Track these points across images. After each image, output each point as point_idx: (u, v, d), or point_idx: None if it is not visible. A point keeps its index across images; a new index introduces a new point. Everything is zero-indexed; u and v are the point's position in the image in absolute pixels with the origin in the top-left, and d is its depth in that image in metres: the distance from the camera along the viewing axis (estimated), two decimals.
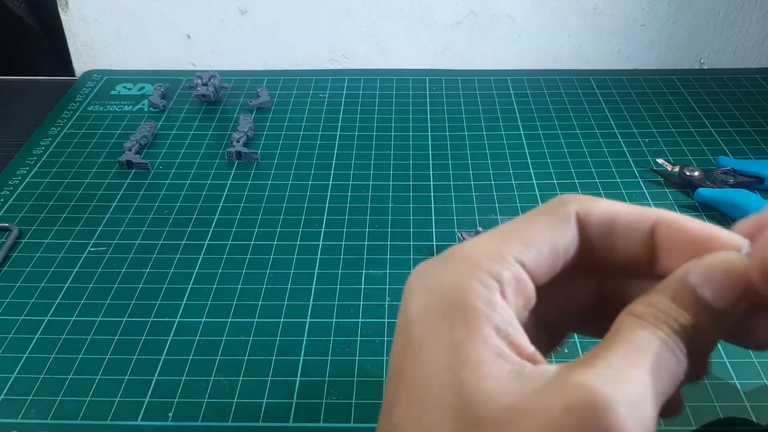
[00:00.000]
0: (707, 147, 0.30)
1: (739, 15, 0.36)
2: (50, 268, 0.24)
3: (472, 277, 0.11)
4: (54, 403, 0.19)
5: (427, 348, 0.11)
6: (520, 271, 0.11)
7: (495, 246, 0.11)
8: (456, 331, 0.10)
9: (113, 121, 0.33)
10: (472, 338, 0.10)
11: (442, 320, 0.11)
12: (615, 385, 0.09)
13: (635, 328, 0.10)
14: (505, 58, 0.37)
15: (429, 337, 0.11)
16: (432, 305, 0.11)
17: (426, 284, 0.11)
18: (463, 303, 0.11)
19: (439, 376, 0.10)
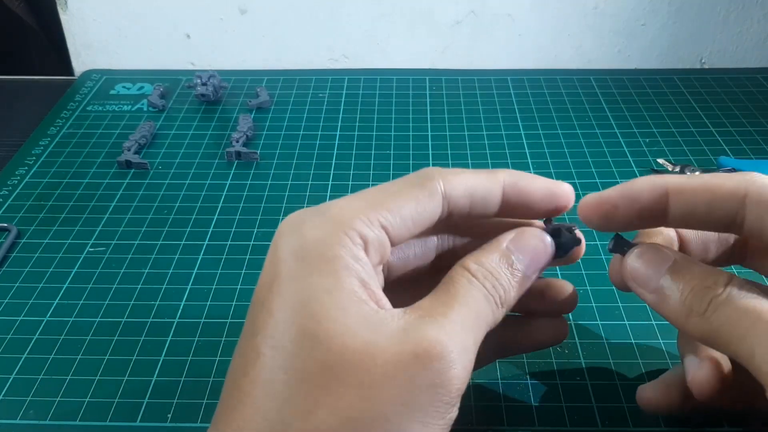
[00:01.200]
0: (708, 147, 0.30)
1: (740, 14, 0.36)
2: (49, 268, 0.23)
3: (343, 233, 0.12)
4: (53, 403, 0.19)
5: (294, 286, 0.12)
6: (382, 235, 0.13)
7: (365, 209, 0.13)
8: (324, 275, 0.12)
9: (112, 120, 0.33)
10: (338, 284, 0.12)
11: (312, 264, 0.12)
12: (452, 337, 0.12)
13: (469, 287, 0.13)
14: (505, 58, 0.37)
15: (298, 277, 0.12)
16: (303, 250, 0.12)
17: (299, 231, 0.13)
18: (333, 253, 0.12)
19: (306, 310, 0.12)
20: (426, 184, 0.14)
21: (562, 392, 0.19)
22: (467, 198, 0.14)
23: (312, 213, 0.13)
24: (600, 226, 0.15)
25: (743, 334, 0.12)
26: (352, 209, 0.13)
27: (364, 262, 0.12)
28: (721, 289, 0.13)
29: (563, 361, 0.20)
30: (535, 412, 0.18)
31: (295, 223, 0.13)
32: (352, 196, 0.14)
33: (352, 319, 0.12)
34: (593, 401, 0.18)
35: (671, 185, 0.14)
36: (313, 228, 0.13)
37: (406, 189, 0.14)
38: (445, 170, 0.14)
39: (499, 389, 0.19)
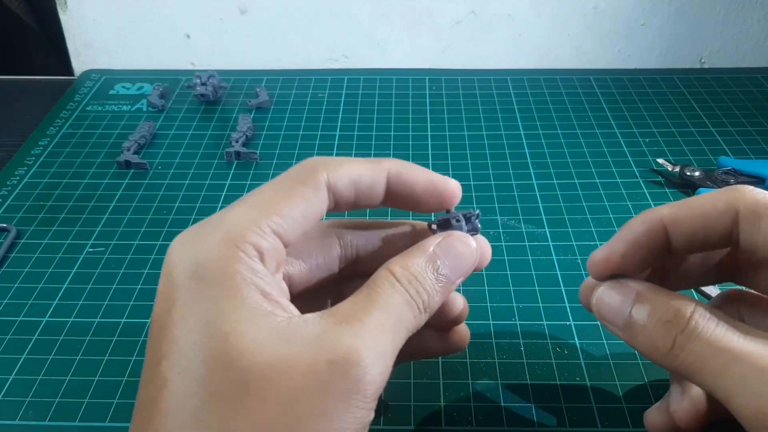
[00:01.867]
0: (708, 147, 0.30)
1: (739, 14, 0.36)
2: (48, 268, 0.23)
3: (237, 248, 0.12)
4: (52, 404, 0.19)
5: (195, 308, 0.12)
6: (276, 242, 0.13)
7: (255, 218, 0.13)
8: (225, 294, 0.12)
9: (112, 120, 0.33)
10: (241, 300, 0.12)
11: (211, 284, 0.12)
12: (368, 343, 0.12)
13: (391, 291, 0.13)
14: (505, 58, 0.37)
15: (198, 299, 0.12)
16: (200, 271, 0.12)
17: (193, 250, 0.12)
18: (231, 270, 0.12)
19: (213, 331, 0.11)
20: (310, 179, 0.13)
21: (562, 393, 0.19)
22: (352, 187, 0.14)
23: (203, 230, 0.13)
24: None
25: (715, 375, 0.12)
26: (242, 221, 0.12)
27: (262, 273, 0.12)
28: (683, 325, 0.13)
29: (563, 361, 0.19)
30: (534, 413, 0.18)
31: (186, 242, 0.12)
32: (240, 203, 0.13)
33: (262, 334, 0.11)
34: (593, 402, 0.18)
35: (666, 217, 0.14)
36: (206, 246, 0.12)
37: (292, 187, 0.13)
38: (328, 160, 0.14)
39: (499, 390, 0.19)
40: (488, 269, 0.23)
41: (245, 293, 0.12)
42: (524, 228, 0.25)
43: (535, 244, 0.24)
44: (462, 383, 0.19)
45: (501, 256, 0.24)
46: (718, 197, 0.14)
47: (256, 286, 0.12)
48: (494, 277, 0.23)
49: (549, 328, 0.21)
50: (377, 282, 0.13)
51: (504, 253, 0.24)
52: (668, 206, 0.14)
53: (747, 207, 0.13)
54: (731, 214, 0.13)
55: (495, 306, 0.21)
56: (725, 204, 0.13)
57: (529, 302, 0.22)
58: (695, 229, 0.14)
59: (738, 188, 0.14)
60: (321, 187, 0.13)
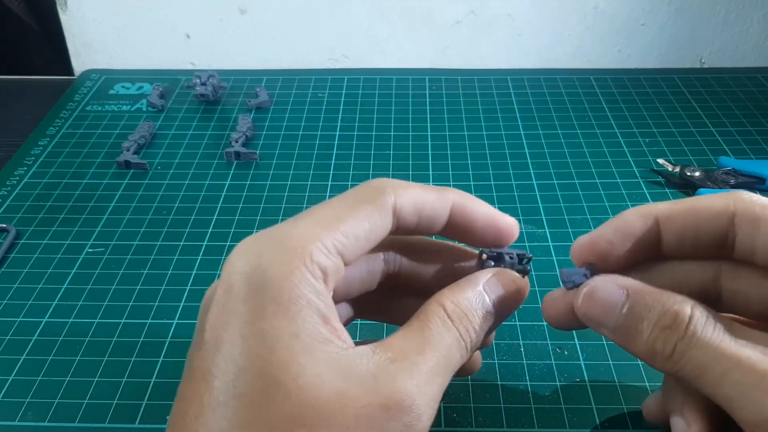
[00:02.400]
0: (708, 147, 0.30)
1: (740, 14, 0.36)
2: (48, 269, 0.23)
3: (304, 266, 0.12)
4: (52, 405, 0.18)
5: (254, 329, 0.11)
6: (339, 262, 0.13)
7: (321, 235, 0.12)
8: (287, 317, 0.11)
9: (111, 121, 0.33)
10: (302, 325, 0.11)
11: (273, 304, 0.11)
12: (422, 388, 0.12)
13: (443, 330, 0.13)
14: (505, 58, 0.37)
15: (258, 318, 0.11)
16: (263, 287, 0.12)
17: (256, 263, 0.12)
18: (296, 292, 0.12)
19: (271, 357, 0.11)
20: (378, 200, 0.13)
21: (562, 394, 0.18)
22: (416, 214, 0.14)
23: (268, 241, 0.12)
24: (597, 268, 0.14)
25: (716, 383, 0.12)
26: (309, 236, 0.12)
27: (324, 296, 0.12)
28: (683, 329, 0.12)
29: (563, 362, 0.19)
30: (534, 414, 0.18)
31: (251, 251, 0.12)
32: (305, 217, 0.13)
33: (321, 366, 0.11)
34: (593, 403, 0.18)
35: (660, 212, 0.14)
36: (272, 260, 0.12)
37: (359, 206, 0.13)
38: (396, 182, 0.14)
39: (499, 390, 0.19)
40: None
41: (307, 318, 0.11)
42: (524, 228, 0.25)
43: (535, 244, 0.24)
44: (462, 384, 0.19)
45: None
46: (716, 198, 0.14)
47: (318, 311, 0.12)
48: None
49: (549, 329, 0.21)
50: (429, 317, 0.13)
51: None
52: (664, 203, 0.14)
53: (746, 209, 0.13)
54: (728, 216, 0.13)
55: None
56: (723, 205, 0.13)
57: (529, 303, 0.21)
58: (688, 227, 0.13)
59: (737, 192, 0.14)
60: (387, 209, 0.13)
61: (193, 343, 0.12)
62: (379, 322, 0.18)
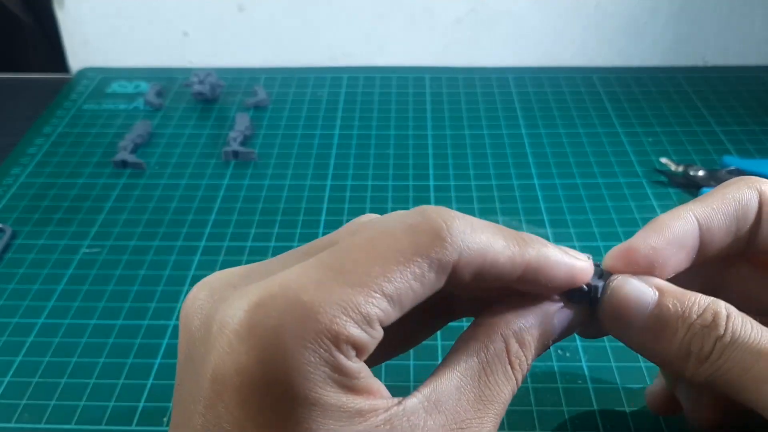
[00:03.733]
0: (712, 146, 0.30)
1: (743, 12, 0.36)
2: (44, 269, 0.23)
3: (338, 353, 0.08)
4: (48, 407, 0.18)
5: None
6: (379, 333, 0.09)
7: (356, 299, 0.09)
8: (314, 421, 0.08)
9: (108, 119, 0.33)
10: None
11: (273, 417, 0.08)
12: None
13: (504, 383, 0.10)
14: (506, 56, 0.37)
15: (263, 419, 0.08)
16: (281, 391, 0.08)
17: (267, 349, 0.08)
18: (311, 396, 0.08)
19: None
20: (437, 252, 0.09)
21: (564, 396, 0.18)
22: (479, 272, 0.10)
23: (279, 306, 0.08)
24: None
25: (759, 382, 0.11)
26: (336, 299, 0.08)
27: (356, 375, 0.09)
28: (723, 328, 0.11)
29: (564, 364, 0.19)
30: (536, 416, 0.18)
31: (231, 316, 0.08)
32: (327, 261, 0.09)
33: None
34: (595, 405, 0.18)
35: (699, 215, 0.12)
36: (290, 347, 0.08)
37: (410, 255, 0.09)
38: (462, 225, 0.10)
39: None
40: None
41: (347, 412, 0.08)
42: (525, 229, 0.25)
43: None
44: None
45: None
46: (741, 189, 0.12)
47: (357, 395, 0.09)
48: None
49: None
50: (491, 363, 0.10)
51: None
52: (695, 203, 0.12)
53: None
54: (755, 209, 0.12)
55: None
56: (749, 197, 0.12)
57: None
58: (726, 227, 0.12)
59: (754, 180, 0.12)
60: (445, 271, 0.10)
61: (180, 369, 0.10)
62: None
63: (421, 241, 0.10)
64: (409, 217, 0.10)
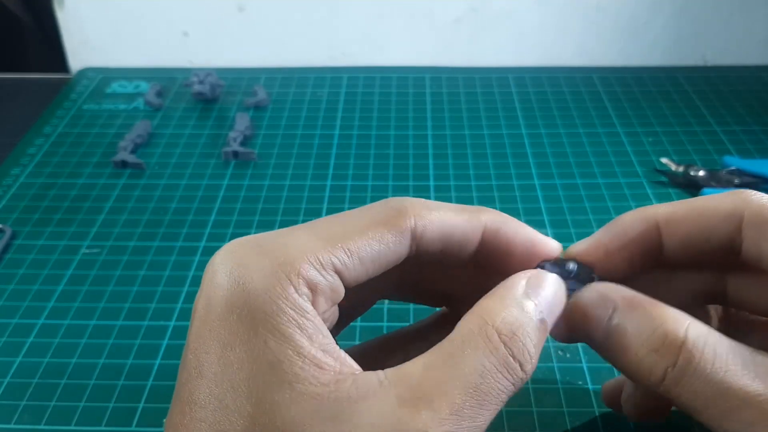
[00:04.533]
0: (712, 146, 0.30)
1: (744, 11, 0.36)
2: (44, 270, 0.23)
3: (288, 283, 0.10)
4: (47, 408, 0.18)
5: (236, 356, 0.10)
6: (336, 281, 0.11)
7: (317, 247, 0.11)
8: (270, 340, 0.10)
9: (108, 120, 0.33)
10: (285, 350, 0.10)
11: (255, 327, 0.10)
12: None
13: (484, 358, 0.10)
14: (506, 55, 0.37)
15: (241, 344, 0.10)
16: (243, 306, 0.10)
17: (237, 276, 0.11)
18: (277, 310, 0.10)
19: (256, 396, 0.10)
20: (394, 222, 0.11)
21: (564, 397, 0.18)
22: (440, 240, 0.12)
23: (254, 249, 0.11)
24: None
25: (720, 418, 0.10)
26: (303, 248, 0.11)
27: (311, 316, 0.10)
28: (675, 357, 0.10)
29: (564, 365, 0.19)
30: (536, 417, 0.18)
31: (234, 262, 0.11)
32: (304, 228, 0.11)
33: (305, 406, 0.09)
34: (595, 405, 0.18)
35: (661, 215, 0.12)
36: (254, 272, 0.10)
37: (371, 225, 0.11)
38: (418, 203, 0.12)
39: None
40: None
41: (290, 340, 0.10)
42: None
43: None
44: None
45: None
46: (723, 199, 0.12)
47: (303, 331, 0.10)
48: None
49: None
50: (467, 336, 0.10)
51: None
52: (665, 205, 0.13)
53: (753, 212, 0.12)
54: (735, 219, 0.12)
55: None
56: (730, 207, 0.12)
57: None
58: (693, 231, 0.12)
59: (743, 192, 0.12)
60: (405, 233, 0.11)
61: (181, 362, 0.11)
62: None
63: (382, 213, 0.12)
64: (378, 202, 0.12)
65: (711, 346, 0.10)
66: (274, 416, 0.09)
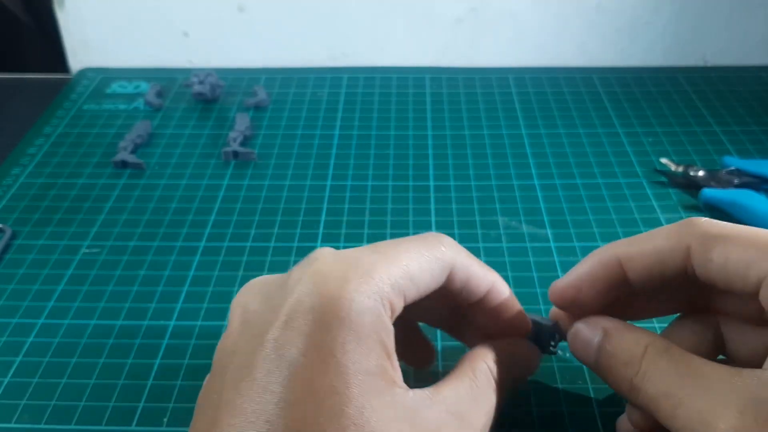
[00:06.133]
0: (712, 146, 0.30)
1: (744, 12, 0.36)
2: (44, 269, 0.23)
3: (382, 303, 0.12)
4: (48, 407, 0.18)
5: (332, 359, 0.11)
6: (401, 304, 0.13)
7: (393, 273, 0.13)
8: (363, 353, 0.11)
9: (108, 120, 0.33)
10: (374, 364, 0.11)
11: (350, 337, 0.11)
12: None
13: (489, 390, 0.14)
14: (507, 56, 0.37)
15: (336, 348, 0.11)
16: (341, 317, 0.11)
17: (339, 289, 0.12)
18: (372, 327, 0.12)
19: (348, 392, 0.11)
20: (442, 255, 0.14)
21: (563, 397, 0.18)
22: (463, 283, 0.14)
23: (351, 268, 0.12)
24: (573, 312, 0.16)
25: (669, 417, 0.12)
26: (391, 276, 0.12)
27: (391, 336, 0.12)
28: (637, 367, 0.13)
29: (565, 364, 0.19)
30: (535, 417, 0.18)
31: (335, 274, 0.12)
32: (377, 251, 0.13)
33: (390, 412, 0.11)
34: (594, 406, 0.18)
35: (621, 254, 0.14)
36: (356, 289, 0.12)
37: (424, 255, 0.13)
38: (456, 245, 0.14)
39: None
40: None
41: (379, 356, 0.12)
42: (526, 229, 0.25)
43: (536, 245, 0.24)
44: None
45: (502, 258, 0.23)
46: (669, 233, 0.14)
47: (386, 350, 0.12)
48: None
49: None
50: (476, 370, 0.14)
51: (505, 255, 0.23)
52: (622, 243, 0.15)
53: (697, 240, 0.13)
54: (683, 249, 0.14)
55: None
56: (676, 240, 0.14)
57: (531, 304, 0.21)
58: (649, 265, 0.14)
59: (689, 221, 0.14)
60: (447, 267, 0.14)
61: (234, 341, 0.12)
62: None
63: (432, 246, 0.14)
64: (425, 235, 0.14)
65: (665, 355, 0.13)
66: (369, 418, 0.11)
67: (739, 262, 0.13)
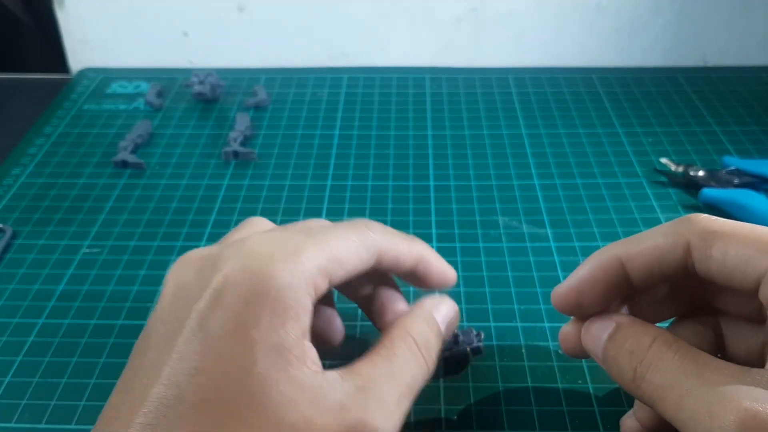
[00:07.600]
0: (712, 146, 0.30)
1: (744, 12, 0.36)
2: (44, 269, 0.23)
3: (307, 283, 0.12)
4: (48, 407, 0.18)
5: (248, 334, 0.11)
6: (326, 287, 0.13)
7: (321, 256, 0.13)
8: (276, 330, 0.12)
9: (108, 120, 0.33)
10: (284, 340, 0.12)
11: (269, 314, 0.12)
12: (389, 418, 0.12)
13: (410, 357, 0.14)
14: (506, 56, 0.37)
15: (255, 325, 0.12)
16: (265, 294, 0.12)
17: (264, 266, 0.12)
18: (291, 305, 0.12)
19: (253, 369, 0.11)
20: (369, 241, 0.14)
21: (564, 396, 0.18)
22: (391, 260, 0.15)
23: (280, 247, 0.13)
24: (577, 315, 0.16)
25: (674, 408, 0.12)
26: (317, 258, 0.13)
27: (309, 315, 0.12)
28: (643, 355, 0.13)
29: (565, 364, 0.19)
30: (536, 416, 0.18)
31: (263, 252, 0.13)
32: (309, 234, 0.13)
33: (294, 388, 0.11)
34: (595, 405, 0.18)
35: (621, 253, 0.14)
36: (282, 268, 0.12)
37: (353, 240, 0.14)
38: (382, 228, 0.15)
39: (500, 392, 0.18)
40: (489, 271, 0.23)
41: (293, 333, 0.12)
42: (525, 229, 0.25)
43: (536, 245, 0.24)
44: (462, 386, 0.19)
45: (502, 258, 0.23)
46: (668, 230, 0.14)
47: (302, 329, 0.12)
48: (495, 279, 0.22)
49: (551, 330, 0.20)
50: (395, 343, 0.14)
51: (505, 255, 0.24)
52: (621, 242, 0.15)
53: (696, 236, 0.13)
54: (682, 246, 0.14)
55: (496, 308, 0.21)
56: (674, 236, 0.14)
57: (531, 304, 0.21)
58: (649, 263, 0.14)
59: (689, 218, 0.14)
60: (374, 251, 0.14)
61: (164, 309, 0.13)
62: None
63: (359, 232, 0.14)
64: (353, 221, 0.15)
65: (674, 347, 0.13)
66: (271, 394, 0.11)
67: (738, 258, 0.13)
